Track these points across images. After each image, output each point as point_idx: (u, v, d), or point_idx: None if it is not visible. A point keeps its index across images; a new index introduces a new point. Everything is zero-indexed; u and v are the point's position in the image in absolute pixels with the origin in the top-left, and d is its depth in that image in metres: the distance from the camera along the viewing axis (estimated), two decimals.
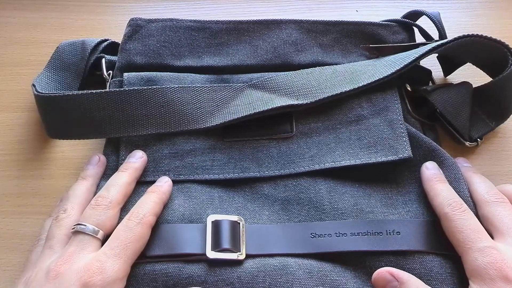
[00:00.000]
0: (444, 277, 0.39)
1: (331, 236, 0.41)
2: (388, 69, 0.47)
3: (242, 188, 0.45)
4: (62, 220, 0.41)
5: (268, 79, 0.48)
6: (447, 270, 0.40)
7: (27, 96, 0.53)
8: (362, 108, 0.47)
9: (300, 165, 0.45)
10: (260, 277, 0.39)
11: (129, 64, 0.49)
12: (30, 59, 0.53)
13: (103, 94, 0.45)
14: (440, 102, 0.48)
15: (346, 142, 0.45)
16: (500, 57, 0.47)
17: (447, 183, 0.42)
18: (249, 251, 0.41)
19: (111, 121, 0.45)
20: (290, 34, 0.51)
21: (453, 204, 0.40)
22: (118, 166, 0.45)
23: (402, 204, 0.43)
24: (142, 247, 0.39)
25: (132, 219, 0.39)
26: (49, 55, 0.52)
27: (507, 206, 0.40)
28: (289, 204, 0.44)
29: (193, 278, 0.39)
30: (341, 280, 0.40)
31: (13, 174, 0.49)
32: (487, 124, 0.49)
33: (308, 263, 0.40)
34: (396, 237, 0.41)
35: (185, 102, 0.46)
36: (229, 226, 0.41)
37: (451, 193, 0.41)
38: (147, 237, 0.40)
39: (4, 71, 0.55)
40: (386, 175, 0.45)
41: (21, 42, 0.56)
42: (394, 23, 0.52)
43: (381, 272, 0.38)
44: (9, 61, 0.55)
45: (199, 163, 0.45)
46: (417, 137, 0.45)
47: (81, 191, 0.43)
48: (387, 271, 0.38)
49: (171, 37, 0.50)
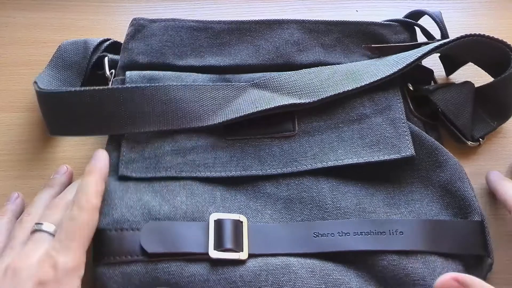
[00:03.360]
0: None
1: (334, 235, 0.41)
2: (390, 69, 0.47)
3: (244, 187, 0.45)
4: (25, 222, 0.41)
5: (270, 78, 0.48)
6: (449, 270, 0.40)
7: (27, 96, 0.53)
8: (365, 107, 0.47)
9: (303, 164, 0.45)
10: (263, 276, 0.39)
11: (131, 63, 0.49)
12: (30, 59, 0.53)
13: (106, 90, 0.45)
14: (442, 102, 0.48)
15: (349, 141, 0.45)
16: (502, 57, 0.47)
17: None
18: (251, 251, 0.41)
19: (113, 118, 0.45)
20: (292, 34, 0.51)
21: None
22: (120, 163, 0.45)
23: (405, 203, 0.43)
24: (92, 233, 0.39)
25: (74, 209, 0.39)
26: (49, 55, 0.51)
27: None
28: (291, 203, 0.44)
29: (195, 277, 0.39)
30: (343, 279, 0.40)
31: (13, 174, 0.49)
32: (488, 124, 0.49)
33: (310, 263, 0.40)
34: (399, 237, 0.41)
35: (188, 100, 0.46)
36: (231, 225, 0.41)
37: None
38: (94, 221, 0.40)
39: (4, 71, 0.55)
40: (389, 174, 0.45)
41: (21, 42, 0.56)
42: (396, 23, 0.52)
43: (444, 279, 0.38)
44: (9, 61, 0.55)
45: (201, 161, 0.45)
46: (419, 136, 0.45)
47: (45, 198, 0.44)
48: (451, 277, 0.37)
49: (173, 36, 0.50)
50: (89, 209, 0.39)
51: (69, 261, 0.37)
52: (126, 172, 0.44)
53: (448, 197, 0.43)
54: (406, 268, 0.39)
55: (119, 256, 0.40)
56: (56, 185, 0.46)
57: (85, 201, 0.39)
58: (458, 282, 0.37)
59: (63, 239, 0.38)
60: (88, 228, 0.39)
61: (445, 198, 0.43)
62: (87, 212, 0.39)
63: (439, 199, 0.43)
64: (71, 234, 0.38)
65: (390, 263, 0.40)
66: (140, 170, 0.44)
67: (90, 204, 0.40)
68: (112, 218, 0.41)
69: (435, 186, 0.44)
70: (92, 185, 0.41)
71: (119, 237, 0.40)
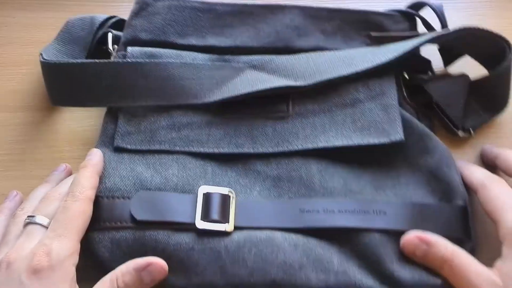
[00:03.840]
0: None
1: (319, 212, 0.42)
2: (386, 56, 0.47)
3: (235, 163, 0.46)
4: (19, 217, 0.41)
5: (268, 60, 0.49)
6: None
7: (26, 96, 0.53)
8: (358, 92, 0.47)
9: (294, 144, 0.46)
10: (246, 247, 0.40)
11: (134, 39, 0.50)
12: (30, 59, 0.52)
13: (107, 63, 0.47)
14: (436, 92, 0.48)
15: (341, 124, 0.46)
16: (498, 50, 0.48)
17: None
18: (237, 223, 0.42)
19: (112, 90, 0.46)
20: (293, 19, 0.52)
21: (492, 176, 0.42)
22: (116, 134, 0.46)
23: (391, 187, 0.44)
24: (86, 223, 0.39)
25: (68, 199, 0.40)
26: None
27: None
28: (280, 181, 0.45)
29: (181, 245, 0.40)
30: (326, 254, 0.40)
31: (13, 174, 0.49)
32: (481, 116, 0.50)
33: (294, 237, 0.41)
34: (382, 216, 0.41)
35: (186, 77, 0.47)
36: (219, 198, 0.42)
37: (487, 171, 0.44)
38: (88, 211, 0.40)
39: (3, 71, 0.54)
40: (378, 158, 0.46)
41: (21, 42, 0.56)
42: (397, 13, 0.52)
43: (408, 237, 0.40)
44: (9, 61, 0.55)
45: (195, 136, 0.46)
46: (410, 122, 0.46)
47: (41, 192, 0.44)
48: (415, 235, 0.40)
49: (176, 16, 0.51)
50: (83, 199, 0.40)
51: (63, 248, 0.37)
52: (121, 144, 0.45)
53: (434, 182, 0.44)
54: (387, 246, 0.40)
55: (109, 222, 0.41)
56: (53, 181, 0.46)
57: (79, 192, 0.40)
58: (421, 240, 0.39)
59: (57, 228, 0.38)
60: (82, 218, 0.39)
61: (431, 183, 0.44)
62: (81, 202, 0.39)
63: (425, 183, 0.44)
64: (65, 223, 0.38)
65: (372, 240, 0.40)
66: (135, 142, 0.46)
67: (84, 195, 0.40)
68: (104, 186, 0.43)
69: (423, 171, 0.44)
70: (86, 178, 0.41)
71: (110, 204, 0.42)
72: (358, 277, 0.40)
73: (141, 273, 0.39)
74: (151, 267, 0.39)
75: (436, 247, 0.39)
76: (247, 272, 0.40)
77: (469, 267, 0.38)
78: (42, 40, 0.52)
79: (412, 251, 0.40)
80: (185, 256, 0.40)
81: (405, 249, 0.40)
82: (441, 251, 0.39)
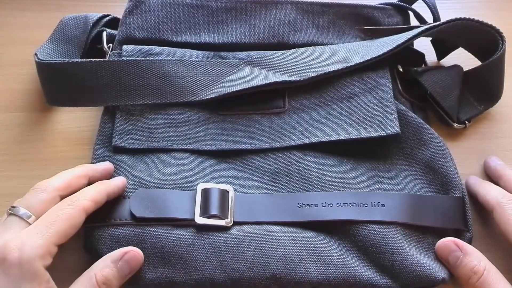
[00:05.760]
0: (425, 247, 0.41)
1: (318, 206, 0.42)
2: (380, 50, 0.48)
3: (233, 159, 0.46)
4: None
5: (263, 56, 0.49)
6: (425, 245, 0.42)
7: (26, 96, 0.53)
8: (354, 86, 0.48)
9: (291, 139, 0.46)
10: (246, 242, 0.40)
11: (128, 37, 0.51)
12: (30, 59, 0.51)
13: (102, 63, 0.47)
14: (429, 83, 0.49)
15: (337, 118, 0.46)
16: (491, 42, 0.48)
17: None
18: (236, 218, 0.42)
19: (108, 90, 0.47)
20: (287, 14, 0.52)
21: (506, 196, 0.42)
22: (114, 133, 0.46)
23: (389, 179, 0.44)
24: (71, 229, 0.38)
25: (65, 201, 0.39)
26: None
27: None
28: (278, 176, 0.45)
29: (180, 241, 0.40)
30: (324, 247, 0.41)
31: (13, 174, 0.49)
32: (475, 107, 0.50)
33: (293, 231, 0.41)
34: (380, 209, 0.42)
35: (182, 74, 0.48)
36: (218, 194, 0.42)
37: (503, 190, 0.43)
38: (78, 219, 0.38)
39: (3, 71, 0.54)
40: (375, 152, 0.46)
41: (21, 42, 0.56)
42: (389, 6, 0.53)
43: (446, 241, 0.40)
44: (9, 61, 0.55)
45: (192, 134, 0.46)
46: (406, 114, 0.46)
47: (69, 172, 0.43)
48: (452, 241, 0.40)
49: (170, 13, 0.51)
50: (78, 206, 0.38)
51: (36, 246, 0.36)
52: (119, 143, 0.46)
53: (431, 174, 0.44)
54: (386, 237, 0.40)
55: (109, 219, 0.41)
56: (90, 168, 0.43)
57: (77, 199, 0.39)
58: (458, 246, 0.39)
59: (39, 225, 0.37)
60: (68, 223, 0.37)
61: (428, 175, 0.44)
62: (74, 208, 0.38)
63: (422, 176, 0.44)
64: (50, 223, 0.37)
65: (371, 232, 0.41)
66: (133, 141, 0.46)
67: (81, 203, 0.39)
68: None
69: (419, 163, 0.45)
70: (94, 191, 0.40)
71: (110, 203, 0.42)
72: (358, 269, 0.40)
73: (118, 264, 0.38)
74: (127, 256, 0.39)
75: (471, 257, 0.39)
76: (247, 266, 0.40)
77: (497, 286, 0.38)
78: (42, 40, 0.52)
79: (446, 256, 0.40)
80: (185, 252, 0.40)
81: (439, 252, 0.40)
82: (473, 263, 0.39)
